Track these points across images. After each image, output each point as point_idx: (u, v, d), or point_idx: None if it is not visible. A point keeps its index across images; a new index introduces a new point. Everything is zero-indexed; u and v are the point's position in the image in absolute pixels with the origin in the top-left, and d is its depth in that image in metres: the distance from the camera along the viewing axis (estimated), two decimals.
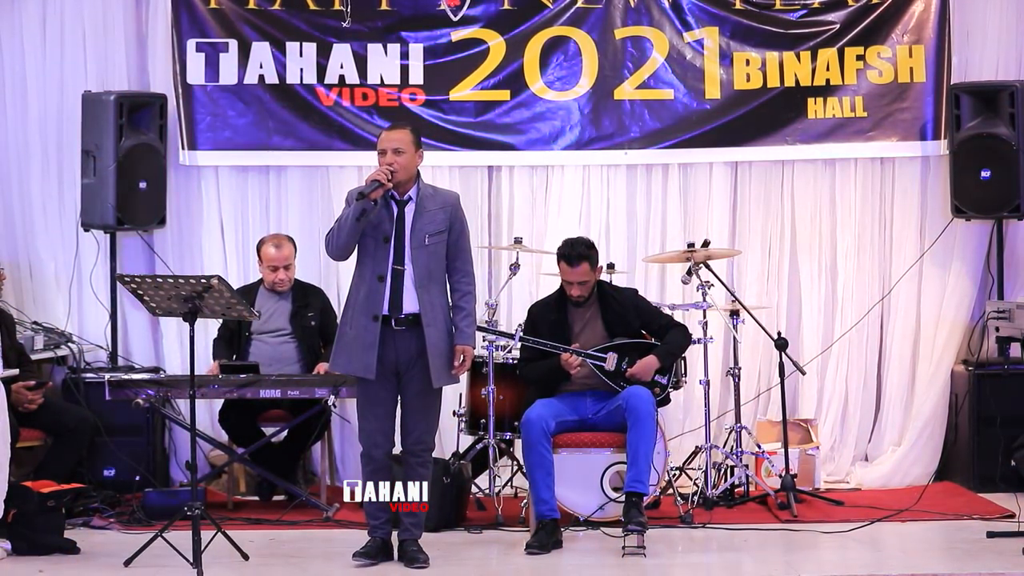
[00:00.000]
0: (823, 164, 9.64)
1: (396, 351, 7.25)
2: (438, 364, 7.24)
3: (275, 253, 8.93)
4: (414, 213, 7.27)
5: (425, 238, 7.24)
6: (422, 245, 7.24)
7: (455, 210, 7.36)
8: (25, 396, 8.44)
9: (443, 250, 7.30)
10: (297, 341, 8.93)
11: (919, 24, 9.47)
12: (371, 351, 7.20)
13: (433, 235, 7.26)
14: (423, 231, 7.24)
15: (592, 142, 9.57)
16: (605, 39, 9.54)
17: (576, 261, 8.00)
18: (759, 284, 9.66)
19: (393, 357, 7.25)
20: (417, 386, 7.28)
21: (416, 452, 7.35)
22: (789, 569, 7.31)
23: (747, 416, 9.26)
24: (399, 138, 7.26)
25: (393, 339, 7.24)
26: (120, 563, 7.29)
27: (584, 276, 8.02)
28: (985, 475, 9.04)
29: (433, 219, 7.28)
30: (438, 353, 7.24)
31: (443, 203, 7.34)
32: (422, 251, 7.24)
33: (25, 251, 9.56)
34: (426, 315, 7.22)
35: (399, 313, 7.22)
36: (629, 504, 7.66)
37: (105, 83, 9.41)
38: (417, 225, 7.25)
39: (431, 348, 7.22)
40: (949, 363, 9.48)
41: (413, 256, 7.23)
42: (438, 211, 7.30)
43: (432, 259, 7.26)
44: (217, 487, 9.16)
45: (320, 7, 9.51)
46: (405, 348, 7.25)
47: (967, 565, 7.22)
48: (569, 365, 7.95)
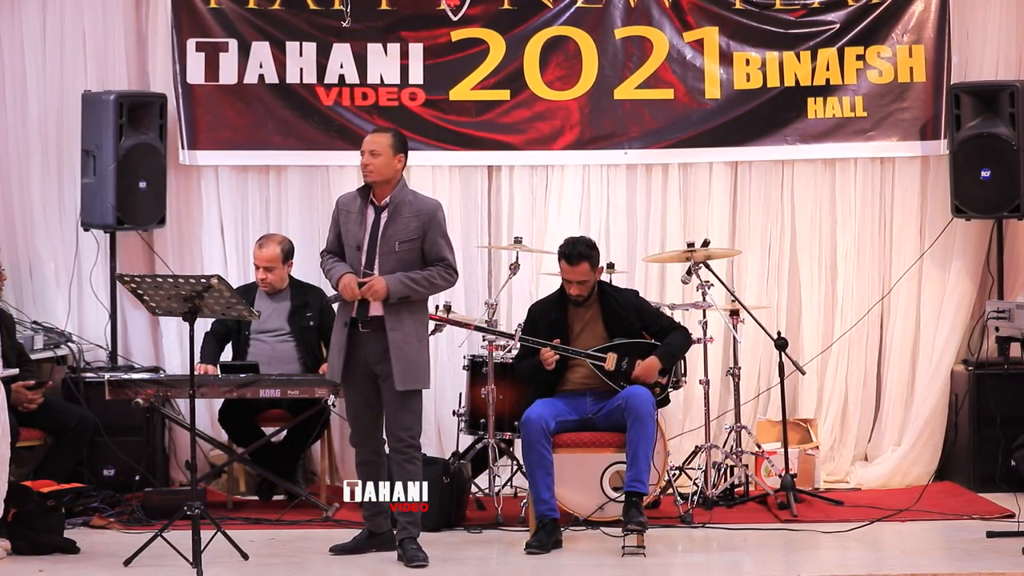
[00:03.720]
0: (823, 164, 9.64)
1: (365, 353, 7.38)
2: (401, 368, 7.31)
3: (258, 252, 8.93)
4: (387, 219, 7.36)
5: (396, 244, 7.34)
6: (392, 251, 7.34)
7: (430, 219, 7.40)
8: (25, 396, 8.43)
9: (414, 256, 7.37)
10: (296, 341, 8.93)
11: (919, 24, 9.47)
12: (340, 355, 7.40)
13: (404, 242, 7.35)
14: (394, 238, 7.34)
15: (592, 142, 9.57)
16: (605, 39, 9.54)
17: (576, 260, 8.00)
18: (759, 284, 9.66)
19: (363, 359, 7.39)
20: (389, 387, 7.37)
21: (400, 450, 7.41)
22: (789, 569, 7.31)
23: (747, 416, 9.26)
24: (377, 141, 7.40)
25: (360, 341, 7.38)
26: (120, 563, 7.29)
27: (583, 276, 8.02)
28: (985, 475, 9.05)
29: (406, 226, 7.36)
30: (402, 357, 7.31)
31: (418, 211, 7.40)
32: (391, 257, 7.33)
33: (25, 251, 9.56)
34: (390, 319, 7.32)
35: (366, 316, 7.34)
36: (629, 504, 7.66)
37: (105, 83, 9.41)
38: (389, 231, 7.35)
39: (394, 352, 7.30)
40: (949, 363, 9.48)
41: (382, 261, 7.34)
42: (411, 219, 7.37)
43: (400, 265, 7.33)
44: (217, 487, 9.17)
45: (320, 7, 9.51)
46: (372, 350, 7.36)
47: (967, 565, 7.22)
48: (545, 360, 7.94)
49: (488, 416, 8.52)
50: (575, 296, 8.07)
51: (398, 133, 7.58)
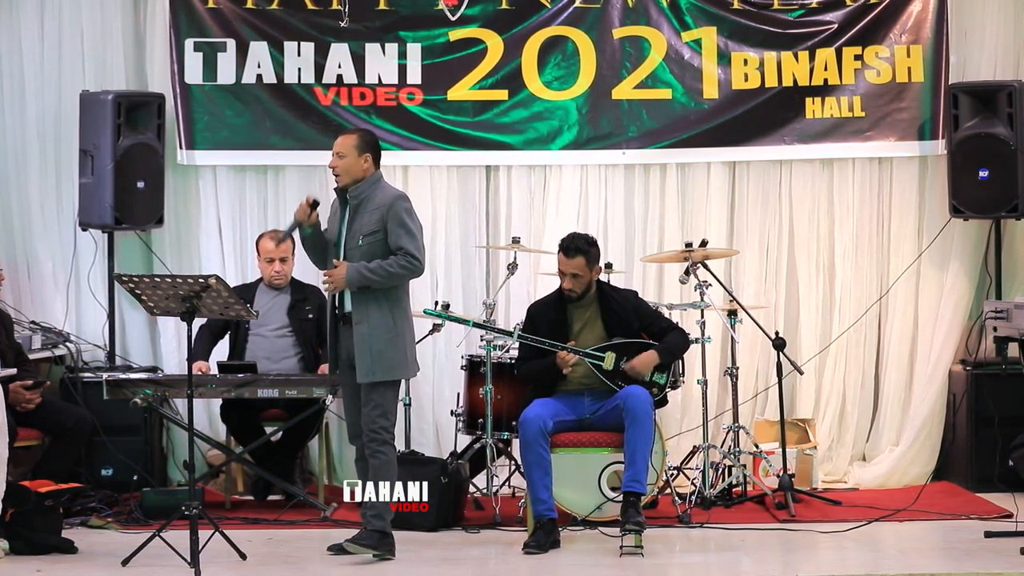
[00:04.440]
0: (821, 164, 9.65)
1: (346, 347, 7.52)
2: (365, 361, 7.38)
3: (272, 245, 8.95)
4: (351, 214, 7.47)
5: (359, 239, 7.43)
6: (356, 246, 7.44)
7: (389, 209, 7.45)
8: (23, 396, 8.42)
9: (378, 248, 7.42)
10: (295, 335, 8.94)
11: (917, 24, 9.47)
12: (333, 346, 7.57)
13: (367, 235, 7.42)
14: (359, 232, 7.45)
15: (590, 142, 9.57)
16: (603, 39, 9.54)
17: (573, 254, 8.01)
18: (757, 284, 9.66)
19: (345, 353, 7.53)
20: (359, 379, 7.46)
21: (366, 443, 7.48)
22: (787, 569, 7.31)
23: (745, 416, 9.26)
24: (342, 143, 7.53)
25: (342, 335, 7.53)
26: (118, 562, 7.28)
27: (577, 269, 8.01)
28: (983, 475, 9.04)
29: (369, 220, 7.44)
30: (365, 349, 7.39)
31: (379, 204, 7.47)
32: (356, 251, 7.43)
33: (23, 250, 9.56)
34: (356, 313, 7.44)
35: (343, 310, 7.49)
36: (627, 504, 7.66)
37: (103, 82, 9.41)
38: (355, 226, 7.46)
39: (358, 344, 7.40)
40: (947, 363, 9.48)
41: (348, 255, 7.44)
42: (373, 212, 7.45)
43: (365, 258, 7.40)
44: (215, 487, 9.16)
45: (318, 7, 9.51)
46: (347, 344, 7.50)
47: (964, 565, 7.22)
48: (564, 363, 7.95)
49: (486, 416, 8.52)
50: (567, 291, 8.06)
51: (366, 133, 7.69)
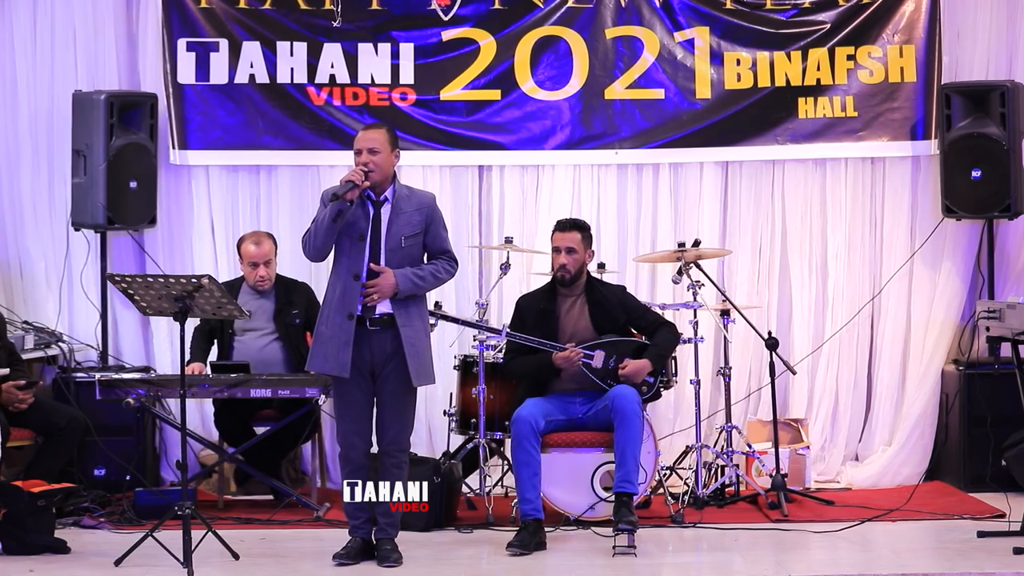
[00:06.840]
0: (814, 164, 9.65)
1: (371, 351, 7.25)
2: (416, 364, 7.23)
3: (255, 250, 8.89)
4: (390, 214, 7.28)
5: (401, 240, 7.27)
6: (398, 247, 7.26)
7: (431, 211, 7.37)
8: (15, 396, 8.42)
9: (418, 251, 7.33)
10: (281, 341, 8.90)
11: (909, 24, 9.48)
12: (346, 350, 7.21)
13: (409, 237, 7.28)
14: (399, 233, 7.26)
15: (582, 142, 9.57)
16: (596, 39, 9.55)
17: (568, 227, 8.05)
18: (749, 284, 9.67)
19: (368, 357, 7.25)
20: (392, 386, 7.28)
21: (391, 452, 7.34)
22: (779, 568, 7.31)
23: (737, 416, 9.27)
24: (374, 138, 7.25)
25: (368, 339, 7.25)
26: (111, 562, 7.28)
27: (572, 243, 8.02)
28: (975, 475, 9.05)
29: (409, 221, 7.29)
30: (415, 353, 7.23)
31: (419, 205, 7.35)
32: (397, 252, 7.26)
33: (15, 250, 9.55)
34: (400, 316, 7.24)
35: (373, 313, 7.24)
36: (619, 504, 7.67)
37: (95, 82, 9.40)
38: (394, 227, 7.27)
39: (408, 348, 7.21)
40: (939, 363, 9.49)
41: (388, 257, 7.25)
42: (414, 213, 7.32)
43: (406, 260, 7.27)
44: (207, 487, 9.16)
45: (310, 7, 9.51)
46: (380, 348, 7.25)
47: (957, 565, 7.22)
48: (568, 362, 7.95)
49: (479, 416, 8.52)
50: (560, 270, 8.04)
51: (391, 127, 7.51)
